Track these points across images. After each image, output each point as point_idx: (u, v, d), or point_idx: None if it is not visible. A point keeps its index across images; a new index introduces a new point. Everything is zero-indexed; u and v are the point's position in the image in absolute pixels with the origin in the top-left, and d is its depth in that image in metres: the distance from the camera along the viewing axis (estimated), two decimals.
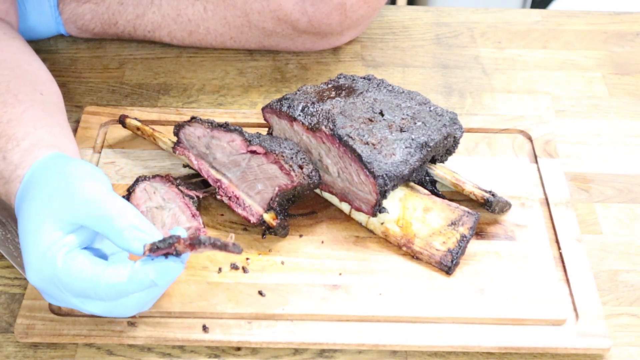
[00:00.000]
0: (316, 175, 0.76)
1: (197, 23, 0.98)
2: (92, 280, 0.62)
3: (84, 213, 0.63)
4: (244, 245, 0.77)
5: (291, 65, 1.01)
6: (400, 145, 0.76)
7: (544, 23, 1.10)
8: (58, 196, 0.64)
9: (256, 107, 0.96)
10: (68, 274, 0.62)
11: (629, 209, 0.84)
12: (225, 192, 0.78)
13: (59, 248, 0.62)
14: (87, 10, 0.99)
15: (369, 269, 0.75)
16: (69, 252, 0.62)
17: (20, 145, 0.70)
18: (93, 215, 0.63)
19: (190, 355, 0.71)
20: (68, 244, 0.62)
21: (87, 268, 0.62)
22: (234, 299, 0.72)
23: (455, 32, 1.08)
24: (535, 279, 0.75)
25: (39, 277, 0.63)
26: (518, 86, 0.99)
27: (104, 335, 0.70)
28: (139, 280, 0.62)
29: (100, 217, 0.62)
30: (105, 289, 0.62)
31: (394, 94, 0.83)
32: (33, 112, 0.74)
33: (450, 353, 0.71)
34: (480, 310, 0.72)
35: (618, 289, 0.77)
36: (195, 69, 1.00)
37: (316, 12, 0.94)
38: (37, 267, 0.63)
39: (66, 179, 0.65)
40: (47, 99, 0.78)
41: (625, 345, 0.73)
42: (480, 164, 0.86)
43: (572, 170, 0.88)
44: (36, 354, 0.70)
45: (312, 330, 0.71)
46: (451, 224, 0.76)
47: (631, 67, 1.03)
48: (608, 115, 0.96)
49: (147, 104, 0.95)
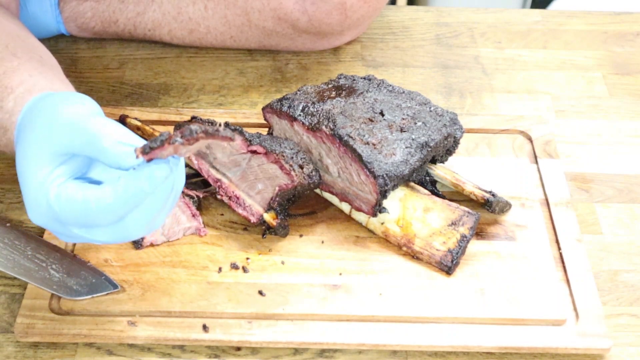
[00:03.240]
0: (316, 175, 0.76)
1: (197, 22, 0.98)
2: (83, 207, 0.59)
3: (67, 140, 0.60)
4: (244, 245, 0.77)
5: (291, 65, 1.01)
6: (401, 145, 0.76)
7: (544, 23, 1.10)
8: (42, 131, 0.62)
9: (256, 107, 0.96)
10: (60, 205, 0.60)
11: (629, 209, 0.85)
12: (226, 191, 0.78)
13: (50, 181, 0.60)
14: (88, 8, 0.99)
15: (369, 269, 0.75)
16: (60, 185, 0.60)
17: (15, 92, 0.68)
18: (77, 141, 0.60)
19: (190, 355, 0.71)
20: (59, 176, 0.61)
21: (77, 195, 0.60)
22: (234, 298, 0.72)
23: (456, 32, 1.08)
24: (535, 279, 0.75)
25: (39, 215, 0.62)
26: (518, 86, 0.99)
27: (104, 335, 0.70)
28: (126, 193, 0.58)
29: (85, 141, 0.60)
30: (97, 212, 0.59)
31: (394, 94, 0.83)
32: (30, 64, 0.72)
33: (450, 353, 0.71)
34: (480, 310, 0.72)
35: (618, 289, 0.77)
36: (195, 69, 1.01)
37: (316, 12, 0.94)
38: (34, 206, 0.61)
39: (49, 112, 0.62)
40: (45, 60, 0.77)
41: (625, 345, 0.73)
42: (480, 164, 0.86)
43: (572, 170, 0.88)
44: (36, 353, 0.71)
45: (312, 330, 0.71)
46: (451, 224, 0.76)
47: (631, 67, 1.03)
48: (608, 115, 0.96)
49: (147, 104, 0.95)
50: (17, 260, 0.75)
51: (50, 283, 0.72)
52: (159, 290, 0.73)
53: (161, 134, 0.56)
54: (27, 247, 0.76)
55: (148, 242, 0.76)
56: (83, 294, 0.72)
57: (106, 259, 0.75)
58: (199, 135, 0.56)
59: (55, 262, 0.74)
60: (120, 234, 0.62)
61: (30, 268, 0.74)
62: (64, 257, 0.75)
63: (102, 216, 0.60)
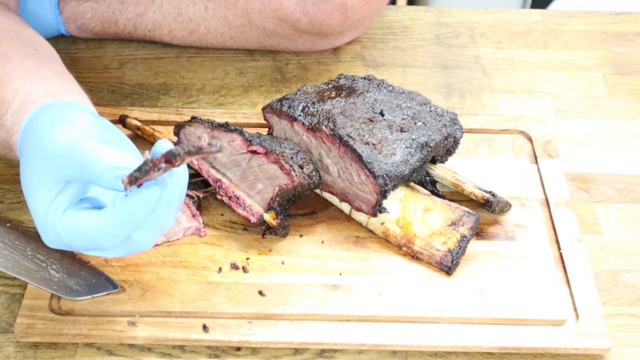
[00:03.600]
0: (316, 175, 0.76)
1: (197, 22, 0.98)
2: (86, 233, 0.60)
3: (60, 169, 0.60)
4: (244, 245, 0.77)
5: (291, 65, 1.01)
6: (401, 146, 0.76)
7: (544, 23, 1.10)
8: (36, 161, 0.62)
9: (256, 107, 0.96)
10: (66, 235, 0.61)
11: (629, 209, 0.84)
12: (226, 191, 0.78)
13: (53, 212, 0.61)
14: (88, 9, 0.99)
15: (369, 269, 0.75)
16: (63, 213, 0.61)
17: (12, 107, 0.67)
18: (69, 170, 0.60)
19: (190, 355, 0.71)
20: (60, 205, 0.61)
21: (79, 224, 0.60)
22: (234, 298, 0.72)
23: (456, 32, 1.08)
24: (535, 279, 0.75)
25: (50, 242, 0.62)
26: (518, 86, 0.99)
27: (104, 335, 0.70)
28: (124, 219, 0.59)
29: (76, 169, 0.60)
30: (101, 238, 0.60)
31: (394, 94, 0.83)
32: (23, 65, 0.71)
33: (450, 353, 0.71)
34: (480, 310, 0.72)
35: (618, 289, 0.77)
36: (195, 69, 1.01)
37: (317, 12, 0.94)
38: (44, 234, 0.62)
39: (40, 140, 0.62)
40: (41, 53, 0.76)
41: (625, 345, 0.73)
42: (480, 165, 0.86)
43: (572, 170, 0.88)
44: (36, 354, 0.71)
45: (312, 330, 0.71)
46: (451, 224, 0.76)
47: (631, 67, 1.03)
48: (608, 115, 0.96)
49: (147, 104, 0.95)
50: (17, 260, 0.74)
51: (50, 283, 0.72)
52: (159, 291, 0.73)
53: (144, 162, 0.56)
54: (27, 247, 0.76)
55: None
56: (83, 294, 0.72)
57: (106, 259, 0.75)
58: (183, 157, 0.55)
59: (55, 262, 0.74)
60: (131, 249, 0.63)
61: (30, 268, 0.74)
62: (64, 257, 0.75)
63: (107, 240, 0.60)
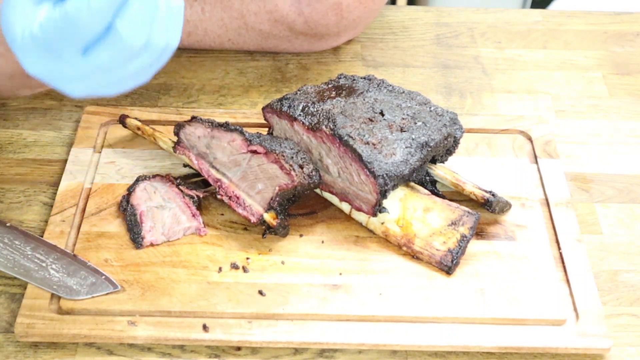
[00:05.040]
0: (316, 175, 0.76)
1: (195, 24, 0.98)
2: (64, 16, 0.56)
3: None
4: (244, 245, 0.77)
5: (291, 65, 1.01)
6: (401, 145, 0.76)
7: (544, 23, 1.10)
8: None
9: (256, 107, 0.96)
10: (43, 29, 0.57)
11: (629, 209, 0.85)
12: (226, 191, 0.78)
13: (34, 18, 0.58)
14: None
15: (369, 269, 0.75)
16: (37, 4, 0.58)
17: None
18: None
19: (190, 355, 0.71)
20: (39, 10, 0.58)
21: (54, 12, 0.57)
22: (234, 298, 0.72)
23: (456, 32, 1.08)
24: (535, 279, 0.75)
25: (29, 50, 0.58)
26: (518, 86, 0.99)
27: (103, 335, 0.70)
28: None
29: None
30: (81, 18, 0.55)
31: (394, 94, 0.83)
32: None
33: (450, 353, 0.71)
34: (480, 310, 0.72)
35: (618, 289, 0.77)
36: (195, 69, 1.01)
37: (312, 13, 0.94)
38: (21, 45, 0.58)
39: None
40: None
41: (625, 345, 0.73)
42: (480, 164, 0.86)
43: (572, 170, 0.88)
44: (36, 353, 0.71)
45: (312, 330, 0.71)
46: (451, 224, 0.76)
47: (631, 67, 1.03)
48: (608, 115, 0.96)
49: (147, 103, 0.95)
50: (17, 260, 0.75)
51: (50, 283, 0.73)
52: (159, 290, 0.73)
53: None
54: (27, 247, 0.76)
55: (148, 242, 0.76)
56: (83, 294, 0.72)
57: (106, 258, 0.75)
58: None
59: (55, 262, 0.74)
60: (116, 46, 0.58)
61: (30, 268, 0.74)
62: (63, 257, 0.75)
63: (89, 21, 0.56)
